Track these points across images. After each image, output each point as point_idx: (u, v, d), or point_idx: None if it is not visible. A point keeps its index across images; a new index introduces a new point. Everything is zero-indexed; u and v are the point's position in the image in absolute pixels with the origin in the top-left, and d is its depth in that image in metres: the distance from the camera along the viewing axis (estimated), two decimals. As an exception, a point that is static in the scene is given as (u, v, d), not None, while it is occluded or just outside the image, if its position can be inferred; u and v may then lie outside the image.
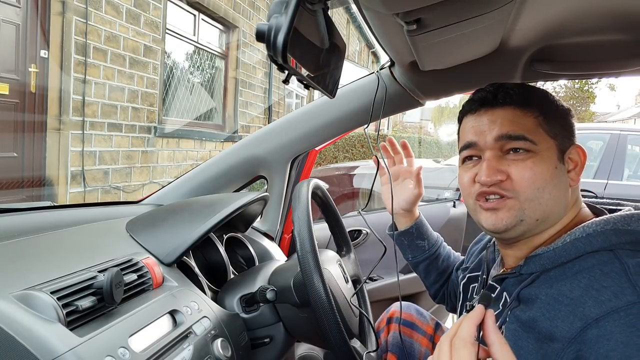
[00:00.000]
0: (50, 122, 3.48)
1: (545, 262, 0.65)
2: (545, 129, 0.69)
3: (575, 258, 0.62)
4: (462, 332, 0.54)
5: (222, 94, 6.02)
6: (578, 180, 0.71)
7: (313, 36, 0.55)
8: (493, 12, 0.59)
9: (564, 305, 0.59)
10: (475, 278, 0.88)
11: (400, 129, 14.68)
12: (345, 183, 4.09)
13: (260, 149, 1.26)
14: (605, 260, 0.60)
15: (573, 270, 0.62)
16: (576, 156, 0.71)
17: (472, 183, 0.72)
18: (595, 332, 0.54)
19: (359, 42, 13.37)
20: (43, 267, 0.69)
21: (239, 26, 6.06)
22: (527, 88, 0.74)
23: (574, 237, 0.64)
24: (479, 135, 0.71)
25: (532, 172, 0.67)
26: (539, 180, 0.67)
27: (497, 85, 0.74)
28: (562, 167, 0.69)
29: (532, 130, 0.68)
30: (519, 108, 0.70)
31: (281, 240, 1.38)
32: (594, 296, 0.57)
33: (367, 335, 1.02)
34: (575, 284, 0.60)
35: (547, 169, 0.67)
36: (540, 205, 0.67)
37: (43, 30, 3.38)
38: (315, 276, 0.76)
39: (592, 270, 0.60)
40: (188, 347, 0.70)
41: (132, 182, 4.28)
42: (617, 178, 3.68)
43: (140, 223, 0.97)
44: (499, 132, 0.69)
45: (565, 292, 0.60)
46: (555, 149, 0.69)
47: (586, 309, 0.56)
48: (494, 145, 0.70)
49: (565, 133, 0.71)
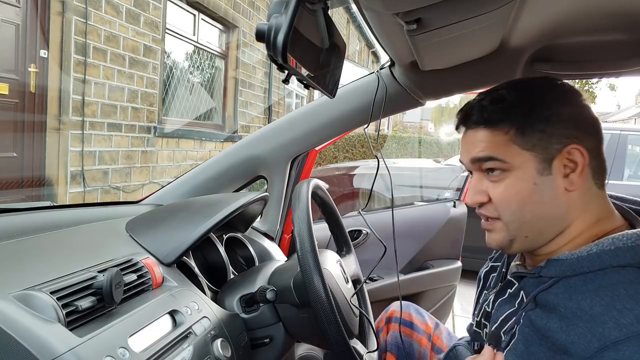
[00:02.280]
0: (49, 122, 3.48)
1: (567, 269, 0.63)
2: (519, 143, 0.65)
3: (598, 270, 0.60)
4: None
5: (222, 94, 6.01)
6: (580, 183, 0.65)
7: (313, 36, 0.55)
8: (493, 12, 0.59)
9: (583, 322, 0.57)
10: (496, 268, 0.86)
11: (400, 129, 14.68)
12: (345, 183, 4.09)
13: (260, 149, 1.25)
14: (632, 279, 0.57)
15: (595, 284, 0.59)
16: (577, 157, 0.64)
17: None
18: (612, 355, 0.53)
19: (359, 42, 13.37)
20: (43, 267, 0.69)
21: (239, 26, 6.05)
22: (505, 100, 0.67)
23: (601, 248, 0.61)
24: (462, 155, 0.73)
25: (506, 193, 0.66)
26: (514, 201, 0.65)
27: (474, 103, 0.71)
28: (546, 179, 0.64)
29: (501, 148, 0.66)
30: (489, 127, 0.67)
31: (281, 240, 1.38)
32: (615, 317, 0.55)
33: (367, 336, 1.02)
34: (596, 300, 0.57)
35: (523, 189, 0.65)
36: (523, 224, 0.66)
37: (43, 30, 3.38)
38: (315, 276, 0.76)
39: (616, 288, 0.57)
40: (188, 347, 0.70)
41: (131, 182, 4.28)
42: (617, 178, 3.67)
43: (140, 223, 0.97)
44: (469, 156, 0.70)
45: (584, 308, 0.57)
46: (534, 161, 0.65)
47: (605, 330, 0.54)
48: (472, 167, 0.70)
49: (552, 138, 0.64)
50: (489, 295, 0.79)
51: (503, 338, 0.68)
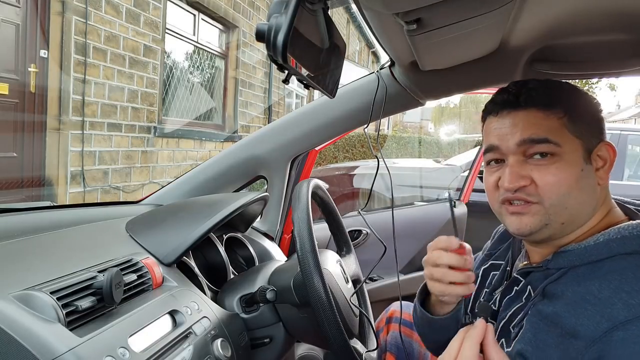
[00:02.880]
0: (50, 122, 3.48)
1: (574, 259, 0.64)
2: (570, 129, 0.67)
3: (606, 258, 0.62)
4: (465, 352, 0.54)
5: (222, 93, 6.01)
6: (607, 178, 0.69)
7: (313, 36, 0.55)
8: (493, 12, 0.59)
9: (591, 305, 0.58)
10: (497, 266, 0.86)
11: (400, 129, 14.68)
12: (345, 183, 4.08)
13: (260, 149, 1.26)
14: (639, 264, 0.59)
15: (603, 270, 0.61)
16: (605, 153, 0.69)
17: (496, 187, 0.71)
18: (621, 335, 0.54)
19: (359, 42, 13.37)
20: (43, 267, 0.69)
21: (239, 26, 6.06)
22: (551, 86, 0.71)
23: (608, 237, 0.63)
24: (501, 139, 0.70)
25: (556, 177, 0.65)
26: (564, 185, 0.65)
27: (520, 85, 0.71)
28: (588, 167, 0.67)
29: (556, 131, 0.66)
30: (542, 109, 0.68)
31: (281, 240, 1.38)
32: (623, 298, 0.56)
33: (367, 335, 1.02)
34: (605, 284, 0.59)
35: (572, 173, 0.66)
36: (566, 210, 0.66)
37: (43, 30, 3.38)
38: (315, 276, 0.76)
39: (624, 272, 0.59)
40: (188, 347, 0.70)
41: (131, 182, 4.28)
42: (617, 178, 3.67)
43: (140, 223, 0.97)
44: (521, 137, 0.67)
45: (593, 292, 0.59)
46: (581, 149, 0.67)
47: (614, 311, 0.56)
48: (517, 150, 0.68)
49: (592, 131, 0.68)
50: (495, 295, 0.79)
51: (512, 332, 0.68)
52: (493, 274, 0.86)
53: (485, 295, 0.83)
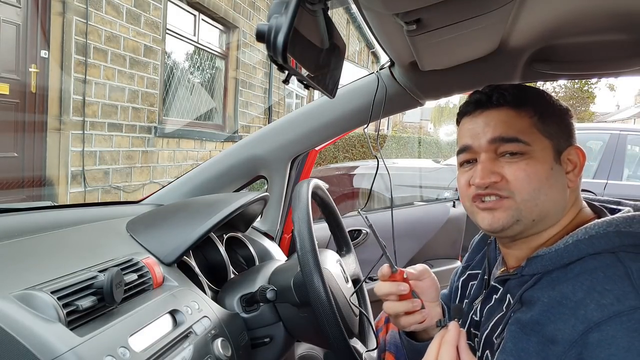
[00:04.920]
0: (50, 122, 3.48)
1: (547, 263, 0.64)
2: (540, 129, 0.69)
3: (577, 260, 0.62)
4: (443, 356, 0.55)
5: (222, 94, 6.02)
6: (577, 181, 0.70)
7: (313, 36, 0.55)
8: (493, 12, 0.59)
9: (567, 308, 0.58)
10: (475, 276, 0.87)
11: (400, 129, 14.69)
12: (345, 183, 4.09)
13: (260, 149, 1.26)
14: (608, 263, 0.59)
15: (575, 272, 0.61)
16: (575, 157, 0.70)
17: (468, 186, 0.72)
18: (596, 336, 0.54)
19: (359, 42, 13.37)
20: (43, 267, 0.69)
21: (239, 26, 6.06)
22: (522, 88, 0.73)
23: (576, 238, 0.63)
24: (473, 138, 0.71)
25: (527, 173, 0.66)
26: (534, 180, 0.66)
27: (492, 87, 0.73)
28: (558, 167, 0.68)
29: (526, 131, 0.68)
30: (514, 109, 0.70)
31: (281, 240, 1.38)
32: (596, 299, 0.56)
33: (366, 335, 1.02)
34: (577, 286, 0.59)
35: (542, 170, 0.67)
36: (536, 206, 0.67)
37: (43, 31, 3.38)
38: (315, 276, 0.76)
39: (594, 272, 0.59)
40: (188, 346, 0.70)
41: (132, 182, 4.29)
42: (616, 178, 3.67)
43: (140, 223, 0.97)
44: (492, 135, 0.69)
45: (567, 294, 0.59)
46: (551, 149, 0.68)
47: (588, 312, 0.56)
48: (489, 148, 0.69)
49: (562, 134, 0.70)
50: (475, 305, 0.79)
51: (495, 343, 0.68)
52: (471, 284, 0.86)
53: (465, 305, 0.83)
